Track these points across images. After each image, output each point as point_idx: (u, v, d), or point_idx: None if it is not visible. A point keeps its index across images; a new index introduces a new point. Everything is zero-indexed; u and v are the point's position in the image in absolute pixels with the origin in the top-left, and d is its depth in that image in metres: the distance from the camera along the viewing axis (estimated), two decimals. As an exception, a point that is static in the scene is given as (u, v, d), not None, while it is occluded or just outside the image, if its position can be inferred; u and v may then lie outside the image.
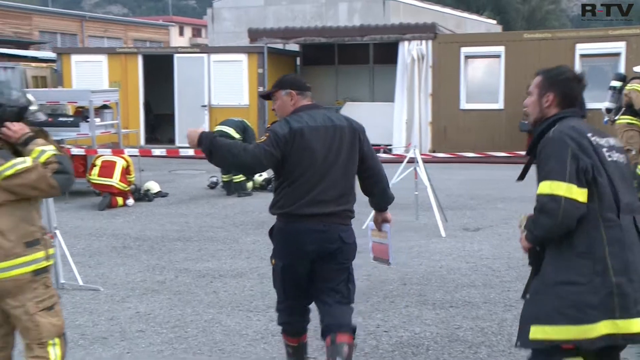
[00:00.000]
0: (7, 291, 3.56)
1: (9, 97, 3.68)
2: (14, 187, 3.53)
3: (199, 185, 13.67)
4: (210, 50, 21.02)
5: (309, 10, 29.05)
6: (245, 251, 8.15)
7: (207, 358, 4.97)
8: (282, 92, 4.31)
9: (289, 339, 4.55)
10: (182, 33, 73.73)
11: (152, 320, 5.77)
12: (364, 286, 6.75)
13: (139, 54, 20.73)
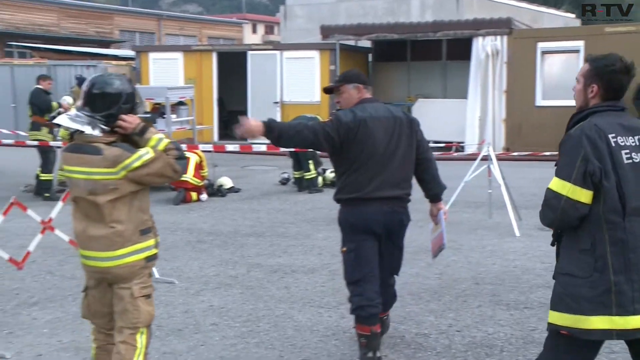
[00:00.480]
0: (122, 277, 3.72)
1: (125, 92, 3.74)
2: (142, 177, 3.67)
3: (270, 181, 13.78)
4: (283, 47, 21.15)
5: (380, 7, 28.90)
6: (317, 247, 8.17)
7: (279, 353, 4.99)
8: (348, 85, 4.68)
9: (362, 328, 4.61)
10: (255, 30, 74.58)
11: (225, 314, 5.84)
12: (436, 285, 6.68)
13: (213, 52, 21.04)
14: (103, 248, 3.69)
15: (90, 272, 3.81)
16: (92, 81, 3.73)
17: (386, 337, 5.25)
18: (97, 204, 3.64)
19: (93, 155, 3.62)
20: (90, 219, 3.72)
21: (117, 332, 3.79)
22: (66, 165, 3.75)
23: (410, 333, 5.40)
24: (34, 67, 22.85)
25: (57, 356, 4.95)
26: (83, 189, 3.65)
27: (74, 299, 6.27)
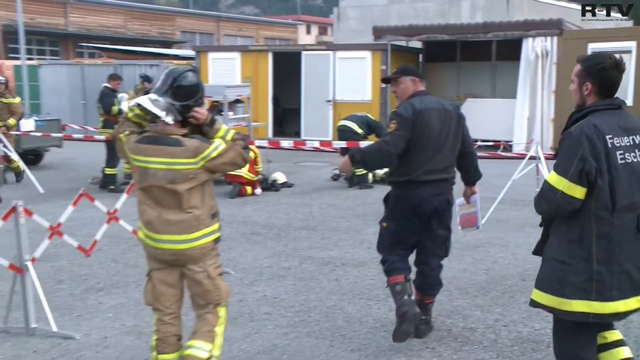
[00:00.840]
0: (193, 258, 3.86)
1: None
2: (217, 166, 3.82)
3: (322, 177, 13.80)
4: (336, 48, 21.12)
5: (431, 8, 28.64)
6: (367, 241, 8.15)
7: (329, 342, 5.00)
8: (406, 78, 4.95)
9: (395, 278, 4.89)
10: (309, 31, 74.72)
11: (278, 304, 5.88)
12: (483, 280, 6.60)
13: (269, 52, 21.13)
14: (180, 231, 3.80)
15: (163, 254, 3.88)
16: (176, 73, 3.83)
17: (432, 330, 5.21)
18: (177, 191, 3.75)
19: (174, 147, 3.72)
20: (163, 206, 3.82)
21: (199, 309, 3.96)
22: (142, 157, 3.79)
23: (457, 327, 5.34)
24: (102, 66, 23.35)
25: (120, 339, 5.05)
26: (162, 179, 3.75)
27: (137, 285, 6.39)
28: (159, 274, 3.94)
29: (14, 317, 5.21)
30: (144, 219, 3.88)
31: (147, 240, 3.90)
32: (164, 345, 3.94)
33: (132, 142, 3.83)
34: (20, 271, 5.08)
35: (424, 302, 5.06)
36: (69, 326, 5.28)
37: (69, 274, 6.78)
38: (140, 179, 3.85)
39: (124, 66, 22.79)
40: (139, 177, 3.86)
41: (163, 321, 3.95)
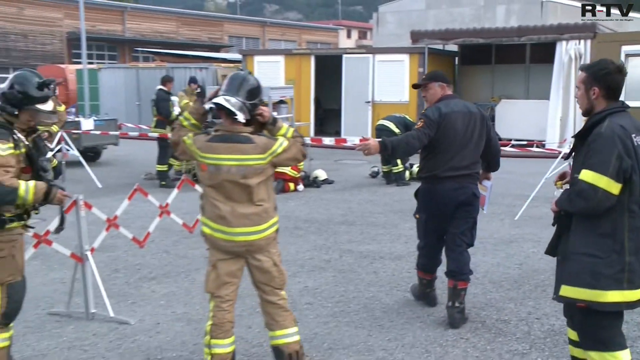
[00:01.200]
0: (260, 247, 3.98)
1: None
2: (282, 161, 3.97)
3: (361, 174, 13.77)
4: (375, 51, 21.04)
5: (467, 13, 28.34)
6: (404, 236, 8.11)
7: (367, 332, 4.99)
8: (435, 84, 5.24)
9: (424, 275, 5.50)
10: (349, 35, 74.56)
11: (319, 294, 5.88)
12: (516, 274, 6.51)
13: (311, 55, 21.16)
14: (252, 224, 3.91)
15: (234, 246, 3.93)
16: (242, 75, 3.96)
17: (467, 322, 5.16)
18: (248, 186, 3.87)
19: (245, 144, 3.85)
20: (234, 200, 3.89)
21: (267, 294, 4.06)
22: (214, 154, 3.85)
23: (491, 319, 5.28)
24: (156, 69, 23.66)
25: (172, 325, 5.12)
26: (235, 174, 3.84)
27: (186, 275, 6.47)
28: (224, 264, 3.99)
29: (76, 302, 5.32)
30: (216, 214, 3.91)
31: (217, 234, 3.93)
32: (219, 330, 3.98)
33: (203, 142, 3.89)
34: (81, 260, 5.18)
35: (457, 289, 5.14)
36: (124, 312, 5.37)
37: (124, 263, 6.89)
38: (211, 176, 3.89)
39: (176, 69, 23.06)
40: (209, 174, 3.89)
41: (221, 308, 3.99)
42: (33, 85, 3.86)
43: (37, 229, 4.62)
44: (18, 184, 3.72)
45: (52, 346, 4.69)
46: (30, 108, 3.87)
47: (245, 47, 45.87)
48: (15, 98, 3.83)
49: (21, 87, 3.83)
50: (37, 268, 6.46)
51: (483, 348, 4.69)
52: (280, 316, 4.08)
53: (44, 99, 3.89)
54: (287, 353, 4.06)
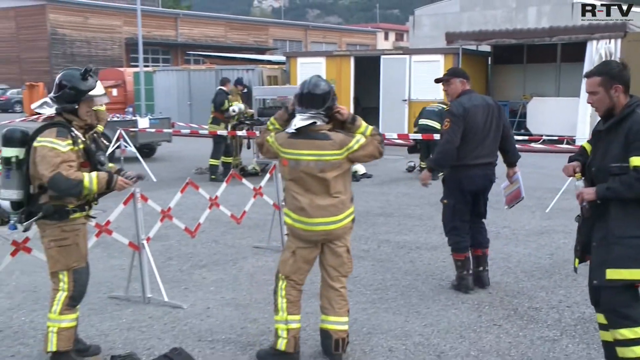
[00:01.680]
0: (339, 235, 4.07)
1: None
2: (358, 157, 4.04)
3: (398, 168, 13.68)
4: (412, 52, 20.86)
5: (500, 15, 27.87)
6: (439, 227, 7.96)
7: (405, 318, 4.95)
8: (456, 79, 5.44)
9: (457, 255, 5.53)
10: (387, 37, 74.09)
11: (359, 282, 5.85)
12: (547, 264, 6.39)
13: (351, 56, 21.09)
14: (329, 214, 3.99)
15: (313, 235, 4.04)
16: (315, 83, 4.05)
17: (499, 309, 5.08)
18: (326, 179, 3.96)
19: (324, 141, 3.95)
20: (312, 193, 3.99)
21: (332, 280, 4.14)
22: (294, 150, 3.98)
23: (523, 306, 5.18)
24: (206, 71, 23.91)
25: (221, 309, 5.16)
26: (314, 168, 3.95)
27: (234, 263, 6.51)
28: (303, 252, 4.10)
29: (133, 287, 5.40)
30: (296, 206, 4.02)
31: (297, 224, 4.04)
32: (294, 307, 4.13)
33: (284, 139, 4.04)
34: (138, 248, 5.25)
35: (485, 255, 5.64)
36: (177, 297, 5.43)
37: (177, 252, 6.98)
38: (291, 170, 4.01)
39: (224, 71, 23.21)
40: (289, 169, 4.02)
41: (295, 288, 4.15)
42: (79, 79, 3.92)
43: (98, 220, 4.69)
44: (82, 176, 3.79)
45: (113, 327, 4.77)
46: (85, 99, 3.93)
47: (289, 50, 45.98)
48: (70, 96, 3.90)
49: (71, 84, 3.89)
50: (99, 255, 6.58)
51: (515, 334, 4.61)
52: (338, 304, 4.14)
53: (92, 86, 3.96)
54: (334, 338, 4.10)
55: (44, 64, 40.61)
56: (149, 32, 41.65)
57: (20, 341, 4.51)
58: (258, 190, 6.83)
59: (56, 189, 3.76)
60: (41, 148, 3.75)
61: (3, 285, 5.72)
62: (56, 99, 3.91)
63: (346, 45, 53.99)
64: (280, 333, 4.11)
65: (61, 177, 3.70)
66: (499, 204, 9.56)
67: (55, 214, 3.86)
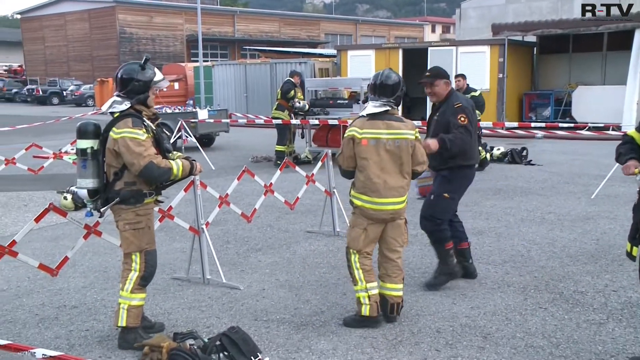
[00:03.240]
0: (399, 214, 4.33)
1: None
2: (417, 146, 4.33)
3: (445, 156, 13.40)
4: (458, 44, 20.44)
5: (545, 6, 26.97)
6: (485, 213, 7.85)
7: (452, 300, 4.86)
8: (441, 81, 5.06)
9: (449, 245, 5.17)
10: (433, 30, 72.88)
11: (407, 266, 5.74)
12: (593, 249, 6.17)
13: (399, 48, 20.83)
14: (399, 195, 4.28)
15: (382, 214, 4.27)
16: (382, 77, 4.34)
17: (545, 293, 4.94)
18: (401, 157, 4.25)
19: (399, 122, 4.28)
20: (387, 172, 4.24)
21: (390, 251, 4.38)
22: (373, 129, 4.22)
23: (569, 290, 5.02)
24: (261, 65, 24.04)
25: (276, 291, 5.18)
26: (392, 145, 4.21)
27: (287, 247, 6.53)
28: (373, 228, 4.33)
29: (194, 269, 5.48)
30: (369, 188, 4.24)
31: (368, 205, 4.27)
32: (370, 275, 4.35)
33: (362, 121, 4.29)
34: (198, 232, 5.32)
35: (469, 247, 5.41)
36: (234, 279, 5.48)
37: (234, 236, 7.04)
38: (370, 149, 4.21)
39: (278, 64, 23.32)
40: (368, 147, 4.21)
41: (367, 258, 4.37)
42: (140, 70, 3.98)
43: (160, 206, 4.76)
44: (171, 164, 3.91)
45: (175, 306, 4.85)
46: (151, 87, 4.01)
47: (339, 43, 45.76)
48: (139, 87, 3.96)
49: (137, 77, 3.95)
50: (162, 239, 6.71)
51: (561, 317, 4.46)
52: (394, 272, 4.37)
53: (153, 73, 4.02)
54: (390, 303, 4.33)
55: (113, 61, 41.66)
56: (208, 28, 42.16)
57: (94, 317, 4.64)
58: (311, 177, 6.81)
59: (149, 177, 3.85)
60: (122, 139, 3.81)
61: (77, 266, 5.89)
62: (126, 94, 3.97)
63: (394, 38, 53.36)
64: (362, 300, 4.31)
65: (153, 165, 3.80)
66: (544, 190, 9.34)
67: (132, 198, 3.94)
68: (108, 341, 4.20)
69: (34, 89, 41.63)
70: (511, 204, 8.44)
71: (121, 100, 3.97)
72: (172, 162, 3.94)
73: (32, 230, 4.40)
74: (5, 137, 16.63)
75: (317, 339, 4.17)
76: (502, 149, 12.67)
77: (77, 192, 4.06)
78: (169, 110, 15.44)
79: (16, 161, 9.69)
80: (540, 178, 10.52)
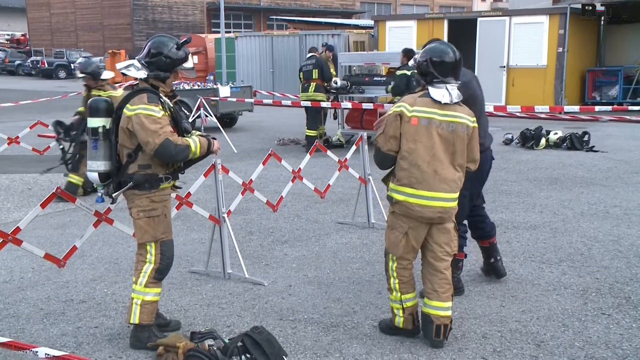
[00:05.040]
0: (449, 214, 4.08)
1: None
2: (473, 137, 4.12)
3: (495, 140, 13.25)
4: (512, 13, 20.08)
5: (614, -31, 26.28)
6: (539, 205, 7.75)
7: (500, 302, 4.82)
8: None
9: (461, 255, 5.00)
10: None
11: (450, 262, 5.74)
12: (664, 250, 6.04)
13: (444, 19, 20.56)
14: (450, 190, 4.03)
15: (429, 211, 4.01)
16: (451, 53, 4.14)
17: (608, 297, 4.86)
18: (455, 145, 4.03)
19: (456, 105, 4.04)
20: (438, 160, 3.99)
21: (437, 260, 4.12)
22: (426, 108, 3.98)
23: (637, 295, 4.92)
24: (289, 37, 24.01)
25: (303, 288, 5.20)
26: (446, 129, 3.99)
27: (317, 240, 6.55)
28: (415, 232, 4.09)
29: (213, 262, 5.54)
30: (416, 178, 3.98)
31: (412, 199, 4.00)
32: (407, 286, 4.20)
33: (413, 98, 4.07)
34: (218, 222, 5.37)
35: (494, 244, 5.24)
36: (258, 273, 5.52)
37: (258, 226, 7.09)
38: (421, 130, 3.97)
39: (308, 36, 23.26)
40: (418, 128, 3.97)
41: (407, 268, 4.18)
42: (173, 48, 4.02)
43: (178, 192, 4.81)
44: (188, 142, 3.97)
45: (193, 302, 4.91)
46: (176, 69, 4.07)
47: (376, 13, 45.45)
48: (165, 63, 4.01)
49: (167, 52, 4.00)
50: (179, 228, 6.79)
51: (628, 326, 4.39)
52: (442, 288, 4.11)
53: (186, 57, 4.09)
54: (436, 324, 4.07)
55: (125, 30, 42.11)
56: (231, -4, 42.23)
57: (103, 313, 4.73)
58: (343, 162, 6.80)
59: (165, 155, 3.91)
60: (136, 116, 3.86)
61: (86, 257, 6.01)
62: (148, 64, 4.01)
63: (439, 7, 52.74)
64: (396, 312, 4.24)
65: (170, 143, 3.86)
66: (608, 181, 9.18)
67: (146, 183, 4.00)
68: (119, 340, 4.27)
69: (39, 61, 42.33)
70: (569, 196, 8.32)
71: (140, 67, 4.01)
72: (189, 139, 4.00)
73: (38, 216, 4.48)
74: (8, 114, 16.98)
75: (349, 342, 4.18)
76: (560, 133, 12.47)
77: (88, 176, 4.11)
78: (187, 87, 15.56)
79: (20, 140, 9.90)
80: (605, 167, 10.34)
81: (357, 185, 7.08)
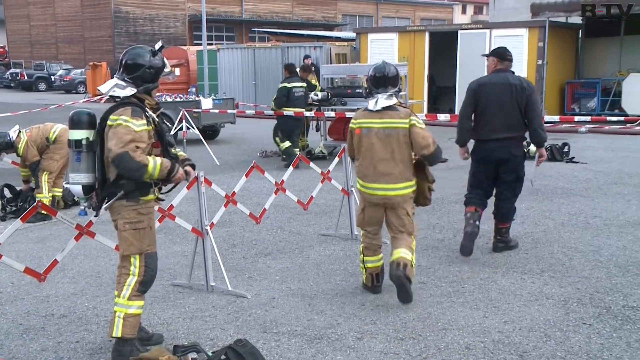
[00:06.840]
0: (398, 202, 5.09)
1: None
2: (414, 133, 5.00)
3: (477, 152, 13.36)
4: (492, 26, 20.34)
5: (592, -17, 26.69)
6: (520, 217, 7.81)
7: (483, 313, 4.85)
8: (491, 58, 6.31)
9: (468, 208, 6.32)
10: (464, 11, 72.45)
11: (432, 274, 5.78)
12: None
13: (426, 31, 20.76)
14: (390, 181, 5.03)
15: (374, 198, 5.12)
16: (383, 69, 5.18)
17: (589, 307, 4.91)
18: (391, 145, 5.00)
19: (393, 112, 5.04)
20: (378, 159, 5.03)
21: (395, 233, 5.18)
22: (366, 119, 5.10)
23: (617, 305, 4.98)
24: (271, 49, 24.07)
25: (287, 300, 5.20)
26: (382, 134, 5.01)
27: (300, 252, 6.55)
28: (369, 210, 5.22)
29: (196, 275, 5.52)
30: (364, 173, 5.12)
31: (362, 189, 5.17)
32: (369, 251, 5.28)
33: (360, 112, 5.23)
34: (201, 234, 5.35)
35: (498, 227, 6.42)
36: (241, 286, 5.51)
37: (241, 238, 7.08)
38: (363, 138, 5.09)
39: (290, 48, 23.33)
40: (360, 137, 5.10)
41: (369, 237, 5.30)
42: (151, 57, 4.04)
43: (161, 204, 4.80)
44: (148, 161, 3.88)
45: (176, 316, 4.89)
46: (160, 77, 4.10)
47: (358, 26, 45.71)
48: (150, 74, 4.03)
49: (148, 64, 4.01)
50: (161, 241, 6.75)
51: (608, 335, 4.44)
52: (398, 243, 5.08)
53: (163, 62, 4.11)
54: (396, 262, 4.91)
55: (107, 42, 41.96)
56: (213, 8, 42.25)
57: (85, 327, 4.69)
58: (326, 174, 6.83)
59: (120, 167, 3.85)
60: (115, 126, 3.85)
61: (67, 270, 5.96)
62: (133, 80, 4.00)
63: (420, 20, 53.19)
64: (362, 271, 5.37)
65: (128, 156, 3.80)
66: (588, 192, 9.28)
67: (136, 191, 3.98)
68: (100, 354, 4.24)
69: (18, 73, 42.06)
70: (550, 207, 8.40)
71: (124, 85, 4.00)
72: (150, 159, 3.90)
73: (17, 230, 4.45)
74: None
75: (333, 354, 4.18)
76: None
77: (70, 188, 4.09)
78: (169, 99, 15.53)
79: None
80: (584, 178, 10.46)
81: (340, 197, 7.11)
